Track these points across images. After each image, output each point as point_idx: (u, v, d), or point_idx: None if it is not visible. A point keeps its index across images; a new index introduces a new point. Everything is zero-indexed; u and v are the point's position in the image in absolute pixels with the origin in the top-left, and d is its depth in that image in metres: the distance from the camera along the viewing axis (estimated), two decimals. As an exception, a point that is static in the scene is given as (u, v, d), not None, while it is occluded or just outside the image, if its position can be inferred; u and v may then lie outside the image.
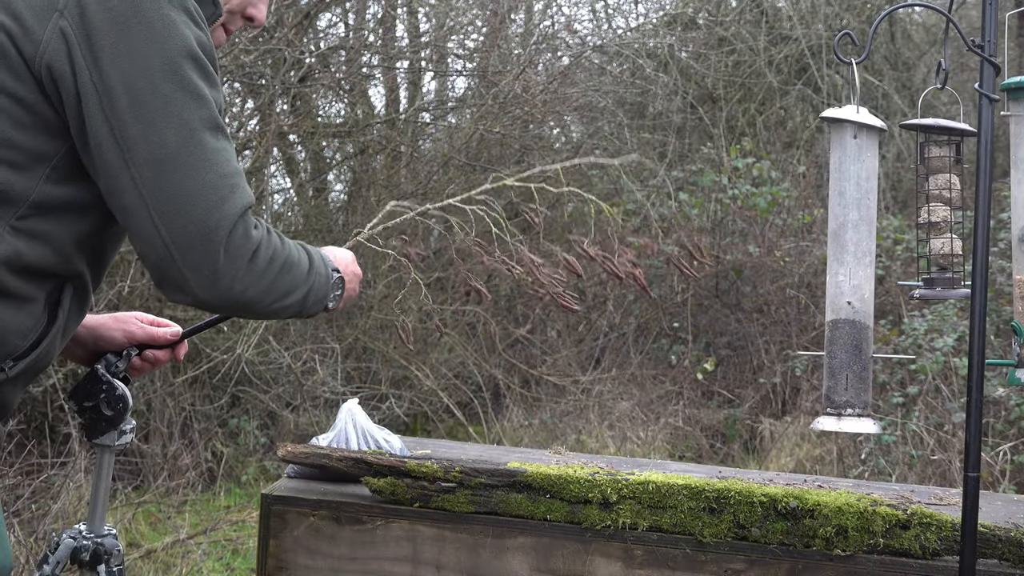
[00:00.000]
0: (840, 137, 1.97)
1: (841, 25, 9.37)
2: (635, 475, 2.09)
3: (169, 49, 1.53)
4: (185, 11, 1.57)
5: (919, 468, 5.41)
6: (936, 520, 1.97)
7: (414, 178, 7.43)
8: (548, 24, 8.68)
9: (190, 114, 1.54)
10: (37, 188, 1.54)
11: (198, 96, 1.55)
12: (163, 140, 1.52)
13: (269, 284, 1.61)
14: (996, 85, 1.86)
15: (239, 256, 1.56)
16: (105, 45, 1.51)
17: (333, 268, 1.77)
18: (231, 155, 1.59)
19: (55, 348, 1.65)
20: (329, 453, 2.17)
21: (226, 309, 1.67)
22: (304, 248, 1.72)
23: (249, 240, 1.57)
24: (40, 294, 1.59)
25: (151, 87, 1.52)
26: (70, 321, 1.66)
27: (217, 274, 1.55)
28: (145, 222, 1.53)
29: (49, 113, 1.54)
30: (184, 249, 1.53)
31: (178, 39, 1.54)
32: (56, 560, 1.84)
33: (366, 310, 6.90)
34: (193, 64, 1.56)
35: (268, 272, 1.60)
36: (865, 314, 1.96)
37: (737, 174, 8.10)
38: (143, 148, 1.52)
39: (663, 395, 7.40)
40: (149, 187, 1.52)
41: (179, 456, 5.77)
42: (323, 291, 1.73)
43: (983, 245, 1.83)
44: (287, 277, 1.64)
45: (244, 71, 6.45)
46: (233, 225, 1.54)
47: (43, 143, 1.55)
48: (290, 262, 1.65)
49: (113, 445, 1.88)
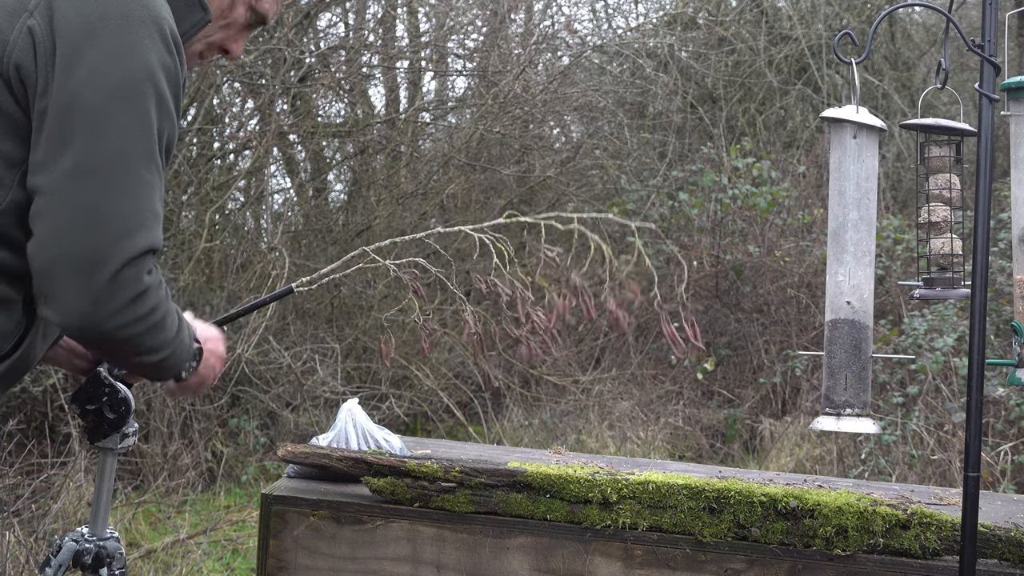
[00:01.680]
0: (840, 137, 1.97)
1: (841, 25, 9.38)
2: (635, 475, 2.09)
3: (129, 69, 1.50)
4: (160, 33, 1.53)
5: (919, 468, 5.41)
6: (936, 520, 1.97)
7: (414, 178, 7.43)
8: (548, 24, 8.68)
9: (129, 139, 1.50)
10: (9, 195, 1.52)
11: (144, 125, 1.51)
12: (94, 157, 1.48)
13: (136, 334, 1.55)
14: (996, 85, 1.86)
15: (124, 293, 1.50)
16: (66, 51, 1.48)
17: (194, 339, 1.73)
18: (155, 193, 1.54)
19: (36, 350, 1.64)
20: (329, 453, 2.17)
21: (91, 340, 1.58)
22: (179, 314, 1.67)
23: (139, 282, 1.52)
24: (18, 297, 1.57)
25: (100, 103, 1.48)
26: (50, 323, 1.64)
27: (92, 304, 1.49)
28: (45, 228, 1.48)
29: (19, 116, 1.52)
30: (68, 268, 1.48)
31: (140, 62, 1.51)
32: (58, 563, 1.84)
33: (366, 310, 6.90)
34: (151, 89, 1.52)
35: (145, 321, 1.55)
36: (865, 314, 1.96)
37: (737, 174, 8.10)
38: (71, 158, 1.48)
39: (663, 395, 7.40)
40: (64, 197, 1.48)
41: (179, 456, 5.77)
42: (182, 358, 1.68)
43: (983, 245, 1.83)
44: (158, 335, 1.59)
45: (244, 71, 6.46)
46: (127, 262, 1.49)
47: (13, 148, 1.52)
48: (165, 322, 1.60)
49: (116, 448, 1.88)
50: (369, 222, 7.12)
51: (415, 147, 7.61)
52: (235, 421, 6.27)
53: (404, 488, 2.09)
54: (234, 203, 7.07)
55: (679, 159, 9.03)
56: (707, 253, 7.87)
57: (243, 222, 7.22)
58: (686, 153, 9.17)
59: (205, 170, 6.47)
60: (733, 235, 8.05)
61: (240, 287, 6.21)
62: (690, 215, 8.04)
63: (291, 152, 7.76)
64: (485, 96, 7.22)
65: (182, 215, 6.11)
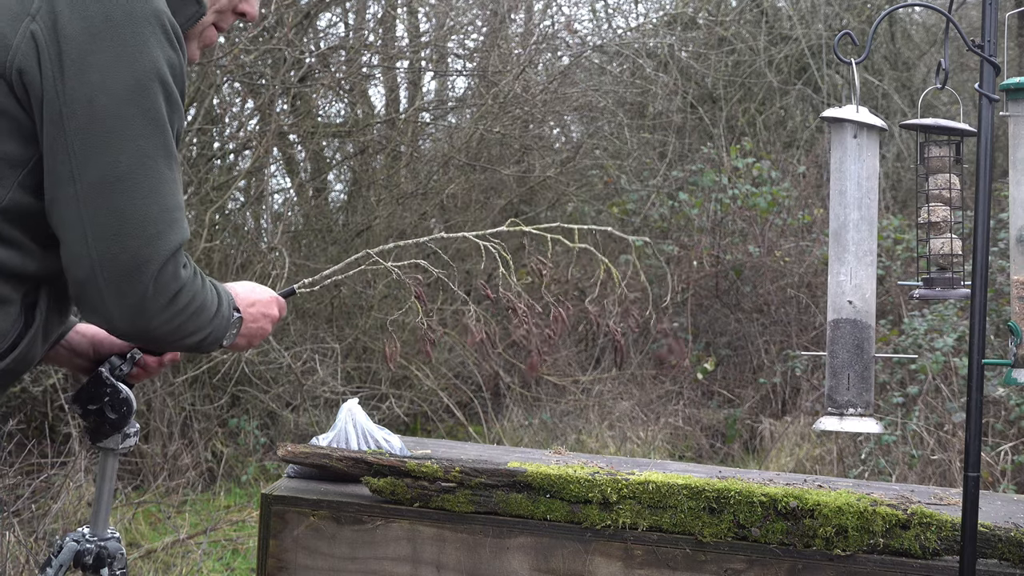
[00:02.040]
0: (840, 137, 1.97)
1: (841, 25, 9.38)
2: (635, 475, 2.09)
3: (137, 69, 1.51)
4: (162, 29, 1.54)
5: (919, 468, 5.41)
6: (936, 520, 1.96)
7: (414, 178, 7.43)
8: (548, 24, 8.68)
9: (147, 140, 1.52)
10: (9, 195, 1.53)
11: (158, 122, 1.53)
12: (115, 162, 1.50)
13: (180, 324, 1.60)
14: (996, 85, 1.86)
15: (164, 294, 1.55)
16: (74, 55, 1.49)
17: (235, 308, 1.76)
18: (178, 187, 1.58)
19: (36, 350, 1.65)
20: (329, 453, 2.17)
21: (134, 339, 1.65)
22: (216, 289, 1.70)
23: (177, 280, 1.56)
24: (16, 296, 1.58)
25: (113, 106, 1.50)
26: (50, 323, 1.65)
27: (140, 307, 1.54)
28: (78, 239, 1.51)
29: (22, 117, 1.52)
30: (111, 276, 1.51)
31: (147, 60, 1.52)
32: (59, 563, 1.84)
33: (366, 310, 6.90)
34: (160, 87, 1.53)
35: (183, 313, 1.60)
36: (866, 313, 1.96)
37: (737, 174, 8.10)
38: (93, 166, 1.50)
39: (663, 395, 7.40)
40: (90, 206, 1.50)
41: (179, 456, 5.77)
42: (221, 332, 1.72)
43: (983, 245, 1.83)
44: (196, 320, 1.63)
45: (244, 71, 6.45)
46: (165, 262, 1.53)
47: (15, 148, 1.53)
48: (203, 305, 1.64)
49: (117, 448, 1.87)
50: (369, 222, 7.12)
51: (415, 147, 7.61)
52: (235, 421, 6.27)
53: (404, 488, 2.09)
54: (234, 203, 7.07)
55: (679, 159, 9.03)
56: (707, 253, 7.87)
57: (243, 222, 7.22)
58: (686, 153, 9.17)
59: (205, 170, 6.47)
60: (733, 235, 8.05)
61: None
62: (690, 215, 8.04)
63: (291, 152, 7.76)
64: (485, 96, 7.22)
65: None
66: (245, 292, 1.83)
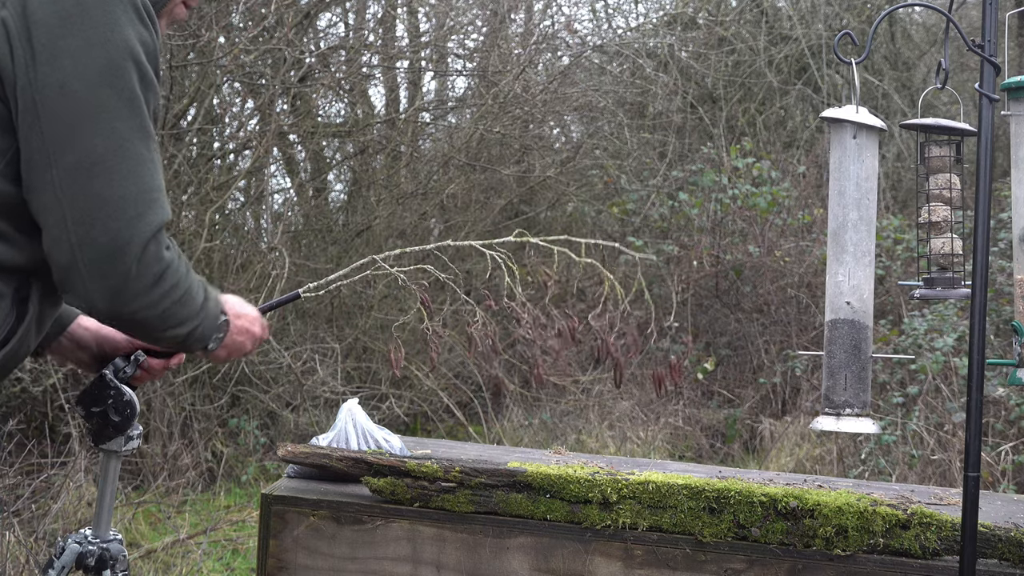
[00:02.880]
0: (840, 137, 1.97)
1: (841, 25, 9.38)
2: (635, 475, 2.09)
3: (110, 51, 1.50)
4: (133, 8, 1.54)
5: (919, 468, 5.41)
6: (936, 520, 1.97)
7: (414, 178, 7.43)
8: (548, 24, 8.68)
9: (122, 122, 1.51)
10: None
11: (133, 103, 1.53)
12: (91, 145, 1.50)
13: (165, 309, 1.59)
14: (996, 85, 1.86)
15: (147, 275, 1.54)
16: (45, 41, 1.48)
17: (221, 310, 1.74)
18: (156, 168, 1.56)
19: (29, 343, 1.64)
20: (329, 453, 2.17)
21: (117, 324, 1.63)
22: (203, 284, 1.69)
23: (160, 261, 1.55)
24: (7, 290, 1.57)
25: (87, 90, 1.49)
26: (43, 315, 1.65)
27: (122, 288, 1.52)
28: (58, 224, 1.51)
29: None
30: (92, 259, 1.51)
31: (119, 40, 1.51)
32: (61, 565, 1.84)
33: (366, 310, 6.90)
34: (133, 67, 1.53)
35: (168, 297, 1.58)
36: (864, 314, 1.96)
37: (737, 174, 8.10)
38: (69, 151, 1.49)
39: (663, 395, 7.40)
40: (68, 191, 1.50)
41: (179, 456, 5.77)
42: (209, 330, 1.70)
43: (983, 245, 1.83)
44: (182, 307, 1.62)
45: (244, 71, 6.45)
46: (147, 242, 1.52)
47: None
48: (189, 293, 1.62)
49: (120, 451, 1.88)
50: (369, 222, 7.12)
51: (415, 147, 7.61)
52: (235, 421, 6.27)
53: (404, 488, 2.09)
54: (234, 203, 7.07)
55: (679, 159, 9.03)
56: (707, 253, 7.87)
57: (243, 222, 7.22)
58: (686, 153, 9.17)
59: (205, 170, 6.47)
60: (733, 235, 8.05)
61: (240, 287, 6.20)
62: (690, 215, 8.04)
63: (291, 152, 7.76)
64: (485, 96, 7.22)
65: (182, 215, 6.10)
66: (234, 302, 1.82)
